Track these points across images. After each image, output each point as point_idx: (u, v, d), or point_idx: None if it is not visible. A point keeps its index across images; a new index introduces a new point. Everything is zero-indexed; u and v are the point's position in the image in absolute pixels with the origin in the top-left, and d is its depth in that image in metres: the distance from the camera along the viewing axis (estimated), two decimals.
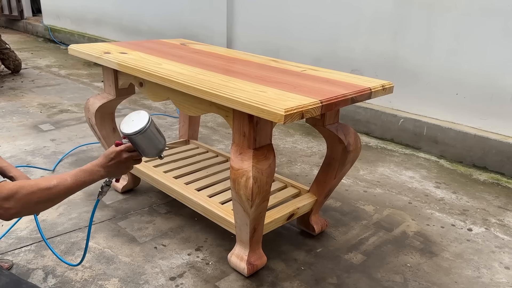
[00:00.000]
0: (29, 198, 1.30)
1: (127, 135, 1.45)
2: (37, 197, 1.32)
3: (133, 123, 1.46)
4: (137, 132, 1.45)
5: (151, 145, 1.50)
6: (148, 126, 1.47)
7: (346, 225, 2.50)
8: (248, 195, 1.71)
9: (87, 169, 1.43)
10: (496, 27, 3.15)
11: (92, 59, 2.33)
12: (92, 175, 1.43)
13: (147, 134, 1.47)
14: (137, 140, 1.46)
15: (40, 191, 1.32)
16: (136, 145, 1.49)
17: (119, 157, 1.47)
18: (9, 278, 1.39)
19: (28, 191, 1.30)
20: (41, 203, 1.34)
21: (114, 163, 1.47)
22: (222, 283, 1.96)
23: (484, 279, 2.09)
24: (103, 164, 1.45)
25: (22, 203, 1.29)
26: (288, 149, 3.61)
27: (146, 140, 1.48)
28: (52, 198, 1.36)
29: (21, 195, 1.28)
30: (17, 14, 9.40)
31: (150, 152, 1.52)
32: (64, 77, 5.64)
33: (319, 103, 1.60)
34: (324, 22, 4.14)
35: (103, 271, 2.01)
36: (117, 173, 1.52)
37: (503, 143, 3.22)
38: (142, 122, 1.46)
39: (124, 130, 1.45)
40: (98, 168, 1.45)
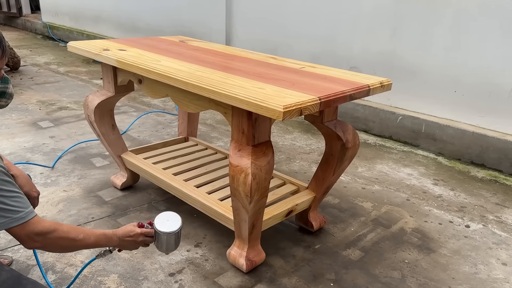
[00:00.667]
0: (57, 242, 1.41)
1: (161, 232, 1.59)
2: (63, 243, 1.43)
3: (168, 223, 1.61)
4: (169, 233, 1.60)
5: (171, 245, 1.64)
6: (179, 231, 1.62)
7: (344, 222, 2.51)
8: (247, 192, 1.72)
9: (108, 236, 1.55)
10: (495, 24, 3.16)
11: (91, 56, 2.33)
12: (109, 242, 1.56)
13: (174, 236, 1.62)
14: (163, 237, 1.60)
15: (68, 240, 1.43)
16: (158, 240, 1.62)
17: (136, 237, 1.59)
18: (10, 274, 1.42)
19: (59, 236, 1.40)
20: (62, 248, 1.49)
21: (130, 240, 1.59)
22: (221, 279, 1.97)
23: (481, 275, 2.11)
24: (120, 237, 1.57)
25: (49, 243, 1.39)
26: (287, 146, 3.62)
27: (170, 240, 1.62)
28: (73, 248, 1.50)
29: (52, 237, 1.38)
30: (16, 11, 9.37)
31: (165, 248, 1.65)
32: (63, 74, 5.63)
33: (317, 100, 1.61)
34: (322, 20, 4.15)
35: (102, 267, 2.01)
36: (126, 248, 1.62)
37: (501, 141, 3.23)
38: (176, 226, 1.61)
39: (159, 228, 1.59)
40: (116, 238, 1.56)
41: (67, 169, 2.98)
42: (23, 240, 1.36)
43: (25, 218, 1.33)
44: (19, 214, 1.32)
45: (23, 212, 1.33)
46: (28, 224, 1.34)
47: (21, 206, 1.33)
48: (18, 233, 1.34)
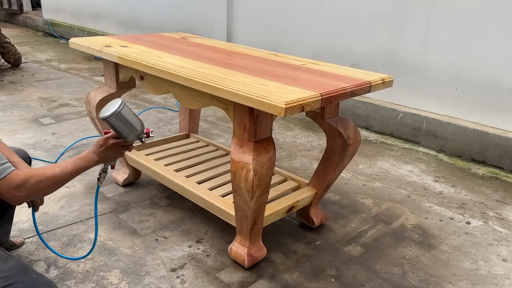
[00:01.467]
0: (38, 186, 1.45)
1: (102, 118, 1.58)
2: (44, 184, 1.47)
3: (108, 109, 1.60)
4: (110, 115, 1.57)
5: (127, 128, 1.63)
6: (120, 110, 1.59)
7: (345, 218, 2.52)
8: (249, 188, 1.73)
9: (83, 157, 1.60)
10: (495, 21, 3.16)
11: (93, 52, 2.34)
12: (88, 161, 1.60)
13: (120, 117, 1.59)
14: (112, 123, 1.59)
15: (47, 179, 1.47)
16: (114, 129, 1.63)
17: (107, 143, 1.65)
18: (17, 262, 1.46)
19: (36, 180, 1.44)
20: (47, 189, 1.50)
21: (104, 148, 1.64)
22: (223, 275, 1.99)
23: (481, 272, 2.11)
24: (94, 150, 1.63)
25: (31, 191, 1.44)
26: (288, 143, 3.62)
27: (121, 123, 1.61)
28: (56, 184, 1.51)
29: (30, 184, 1.42)
30: (17, 8, 9.37)
31: (128, 135, 1.65)
32: (64, 71, 5.64)
33: (319, 96, 1.62)
34: (324, 17, 4.15)
35: (104, 262, 2.03)
36: (109, 158, 1.67)
37: (501, 138, 3.23)
38: (114, 106, 1.59)
39: (100, 115, 1.59)
40: (92, 154, 1.62)
41: None
42: (6, 197, 1.40)
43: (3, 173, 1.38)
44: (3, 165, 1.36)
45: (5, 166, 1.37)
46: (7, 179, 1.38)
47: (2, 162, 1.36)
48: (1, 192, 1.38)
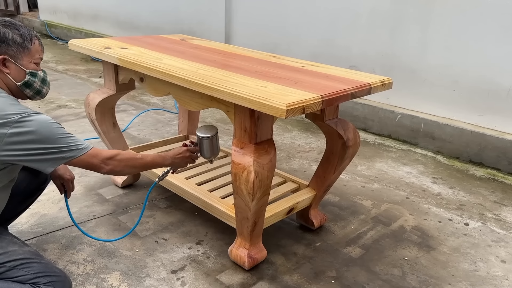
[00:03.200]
0: (124, 162, 1.70)
1: (201, 137, 1.93)
2: (130, 162, 1.73)
3: (206, 131, 1.95)
4: (209, 136, 1.93)
5: (212, 149, 1.97)
6: (216, 135, 1.96)
7: (345, 220, 2.53)
8: (249, 189, 1.73)
9: (161, 155, 1.86)
10: (493, 23, 3.18)
11: (92, 54, 2.33)
12: (164, 160, 1.86)
13: (214, 140, 1.95)
14: (204, 142, 1.95)
15: (132, 158, 1.74)
16: (202, 146, 1.96)
17: (185, 153, 1.92)
18: (33, 249, 1.67)
19: (124, 156, 1.70)
20: (129, 167, 1.74)
21: (180, 157, 1.91)
22: (223, 276, 1.99)
23: (480, 273, 2.12)
24: (172, 156, 1.89)
25: (119, 163, 1.67)
26: (286, 144, 3.63)
27: (211, 144, 1.95)
28: (137, 166, 1.78)
29: (120, 157, 1.68)
30: (13, 9, 9.33)
31: (207, 153, 1.98)
32: (61, 73, 5.63)
33: (319, 98, 1.62)
34: (322, 18, 4.16)
35: (104, 264, 2.02)
36: (178, 165, 1.95)
37: (499, 139, 3.25)
38: (213, 131, 1.96)
39: (199, 134, 1.94)
40: (168, 157, 1.87)
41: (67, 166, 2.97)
42: (97, 166, 1.62)
43: (88, 147, 1.60)
44: (83, 145, 1.59)
45: (85, 144, 1.60)
46: (95, 152, 1.61)
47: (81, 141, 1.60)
48: (91, 162, 1.60)
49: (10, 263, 1.56)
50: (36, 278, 1.56)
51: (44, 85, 1.70)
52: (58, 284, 1.60)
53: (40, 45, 1.67)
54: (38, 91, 1.69)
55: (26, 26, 1.65)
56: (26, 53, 1.60)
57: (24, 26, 1.63)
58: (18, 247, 1.62)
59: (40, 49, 1.67)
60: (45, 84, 1.71)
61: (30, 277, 1.56)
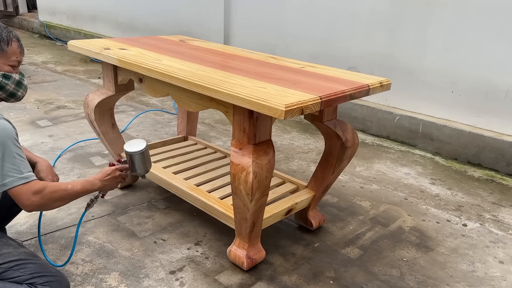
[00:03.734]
0: (51, 196, 1.60)
1: (129, 153, 1.83)
2: (57, 195, 1.63)
3: (135, 146, 1.86)
4: (137, 152, 1.84)
5: (143, 164, 1.89)
6: (145, 150, 1.86)
7: (343, 221, 2.53)
8: (248, 190, 1.74)
9: (90, 180, 1.77)
10: (491, 25, 3.19)
11: (91, 55, 2.34)
12: (93, 185, 1.77)
13: (144, 154, 1.86)
14: (134, 158, 1.85)
15: (60, 191, 1.64)
16: (132, 162, 1.86)
17: (114, 173, 1.83)
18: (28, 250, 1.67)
19: (52, 190, 1.61)
20: (58, 201, 1.64)
21: (110, 178, 1.82)
22: (222, 277, 1.99)
23: (478, 273, 2.13)
24: (100, 178, 1.80)
25: (46, 198, 1.59)
26: (285, 145, 3.64)
27: (141, 159, 1.86)
28: (66, 198, 1.67)
29: (47, 192, 1.58)
30: (12, 10, 9.33)
31: (140, 170, 1.89)
32: (60, 74, 5.63)
33: (318, 99, 1.63)
34: (321, 20, 4.17)
35: (103, 265, 2.02)
36: (109, 187, 1.84)
37: (497, 140, 3.26)
38: (142, 145, 1.86)
39: (128, 150, 1.84)
40: (97, 181, 1.78)
41: (66, 167, 2.98)
42: (22, 200, 1.54)
43: (29, 178, 1.54)
44: (24, 174, 1.53)
45: (27, 174, 1.54)
46: (29, 184, 1.54)
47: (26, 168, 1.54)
48: (18, 193, 1.52)
49: (5, 264, 1.56)
50: (33, 278, 1.57)
51: (20, 88, 1.68)
52: (55, 284, 1.61)
53: (19, 47, 1.65)
54: (12, 93, 1.66)
55: (7, 27, 1.64)
56: (1, 55, 1.59)
57: (4, 27, 1.62)
58: (13, 248, 1.63)
59: (19, 52, 1.65)
60: (21, 87, 1.68)
61: (27, 278, 1.57)
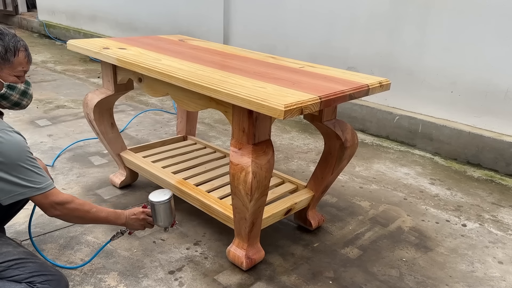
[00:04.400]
0: (73, 212, 1.65)
1: (154, 202, 1.80)
2: (78, 213, 1.67)
3: (159, 196, 1.82)
4: (159, 202, 1.80)
5: (163, 217, 1.83)
6: (169, 200, 1.82)
7: (343, 221, 2.53)
8: (247, 190, 1.74)
9: (117, 213, 1.80)
10: (491, 25, 3.19)
11: (91, 54, 2.33)
12: (118, 219, 1.79)
13: (167, 205, 1.82)
14: (156, 208, 1.81)
15: (83, 211, 1.68)
16: (153, 212, 1.83)
17: (139, 215, 1.84)
18: (27, 250, 1.69)
19: (76, 207, 1.65)
20: (78, 219, 1.70)
21: (134, 218, 1.83)
22: (221, 277, 1.99)
23: (478, 274, 2.13)
24: (127, 215, 1.82)
25: (67, 212, 1.64)
26: (284, 145, 3.63)
27: (162, 211, 1.82)
28: (86, 219, 1.71)
29: (70, 206, 1.64)
30: (12, 10, 9.33)
31: (160, 221, 1.84)
32: (60, 73, 5.62)
33: (318, 99, 1.63)
34: (320, 19, 4.17)
35: (102, 265, 2.02)
36: (132, 227, 1.85)
37: (497, 141, 3.26)
38: (167, 195, 1.82)
39: (152, 199, 1.80)
40: (123, 216, 1.81)
41: (65, 167, 2.98)
42: (45, 208, 1.60)
43: (46, 188, 1.57)
44: (41, 185, 1.56)
45: (44, 184, 1.57)
46: (50, 194, 1.58)
47: (43, 179, 1.57)
48: (42, 202, 1.58)
49: (4, 263, 1.57)
50: (32, 277, 1.58)
51: (25, 97, 1.68)
52: (54, 282, 1.62)
53: (27, 56, 1.63)
54: (17, 103, 1.67)
55: (15, 36, 1.61)
56: (6, 65, 1.58)
57: (12, 36, 1.59)
58: (12, 248, 1.64)
59: (26, 62, 1.63)
60: (26, 96, 1.69)
61: (26, 276, 1.58)
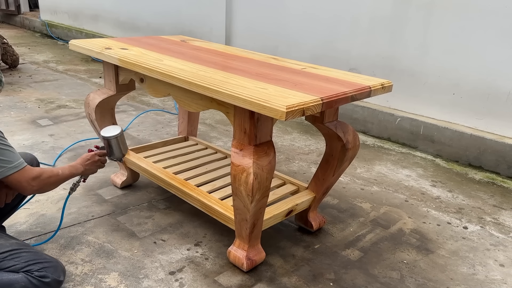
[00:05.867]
0: (48, 180, 1.76)
1: (106, 137, 2.03)
2: (52, 180, 1.79)
3: (110, 131, 2.05)
4: (113, 136, 2.04)
5: (119, 149, 2.08)
6: (120, 134, 2.06)
7: (344, 222, 2.52)
8: (249, 191, 1.73)
9: (74, 165, 1.95)
10: (493, 27, 3.18)
11: (93, 54, 2.34)
12: (77, 170, 1.94)
13: (119, 139, 2.06)
14: (112, 142, 2.05)
15: (54, 176, 1.80)
16: (110, 147, 2.05)
17: (93, 158, 2.01)
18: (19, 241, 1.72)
19: (48, 175, 1.76)
20: (53, 185, 1.81)
21: (90, 162, 2.00)
22: (221, 278, 1.98)
23: (479, 276, 2.12)
24: (82, 163, 1.98)
25: (43, 183, 1.74)
26: (286, 146, 3.63)
27: (117, 144, 2.06)
28: (58, 182, 1.83)
29: (44, 177, 1.74)
30: (14, 9, 9.35)
31: (117, 153, 2.09)
32: (61, 73, 5.63)
33: (319, 100, 1.62)
34: (323, 21, 4.16)
35: (103, 265, 2.02)
36: (89, 171, 2.02)
37: (498, 143, 3.25)
38: (117, 130, 2.05)
39: (105, 134, 2.03)
40: (80, 166, 1.96)
41: None
42: (23, 186, 1.69)
43: (21, 165, 1.66)
44: (15, 162, 1.65)
45: (18, 161, 1.66)
46: (24, 171, 1.67)
47: (15, 158, 1.65)
48: (19, 180, 1.66)
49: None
50: (28, 266, 1.62)
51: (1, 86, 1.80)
52: (51, 269, 1.66)
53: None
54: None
55: None
56: None
57: None
58: (4, 240, 1.69)
59: None
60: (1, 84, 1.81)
61: (22, 266, 1.61)
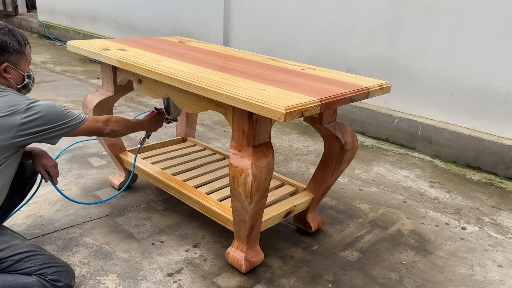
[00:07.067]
0: (119, 123, 2.01)
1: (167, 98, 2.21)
2: (123, 122, 2.03)
3: None
4: None
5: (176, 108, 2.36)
6: None
7: (342, 223, 2.52)
8: (247, 192, 1.73)
9: (139, 120, 2.24)
10: (491, 29, 3.19)
11: (91, 55, 2.33)
12: (143, 123, 2.24)
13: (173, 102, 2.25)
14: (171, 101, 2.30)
15: (123, 119, 2.05)
16: (168, 105, 2.36)
17: (157, 116, 2.33)
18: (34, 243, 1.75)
19: (115, 119, 2.00)
20: (124, 127, 2.04)
21: (154, 120, 2.31)
22: (220, 279, 1.98)
23: (477, 277, 2.13)
24: (147, 120, 2.28)
25: (116, 124, 1.98)
26: (284, 147, 3.63)
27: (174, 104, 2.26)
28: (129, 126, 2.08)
29: (114, 120, 1.98)
30: (12, 10, 9.32)
31: (174, 112, 2.38)
32: (59, 74, 5.61)
33: (318, 101, 1.62)
34: (321, 22, 4.17)
35: (101, 266, 2.01)
36: (152, 128, 2.34)
37: (496, 144, 3.26)
38: None
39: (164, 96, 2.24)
40: (145, 120, 2.26)
41: (64, 168, 2.97)
42: (100, 129, 1.91)
43: (86, 118, 1.84)
44: (81, 117, 1.82)
45: (82, 116, 1.83)
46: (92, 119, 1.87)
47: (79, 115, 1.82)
48: (92, 126, 1.86)
49: (15, 256, 1.64)
50: (42, 269, 1.66)
51: (33, 82, 1.90)
52: (64, 273, 1.70)
53: (30, 46, 1.82)
54: (30, 88, 1.90)
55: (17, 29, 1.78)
56: (23, 58, 1.77)
57: (17, 30, 1.76)
58: (20, 241, 1.71)
59: (30, 51, 1.83)
60: (33, 80, 1.90)
61: (37, 269, 1.65)
